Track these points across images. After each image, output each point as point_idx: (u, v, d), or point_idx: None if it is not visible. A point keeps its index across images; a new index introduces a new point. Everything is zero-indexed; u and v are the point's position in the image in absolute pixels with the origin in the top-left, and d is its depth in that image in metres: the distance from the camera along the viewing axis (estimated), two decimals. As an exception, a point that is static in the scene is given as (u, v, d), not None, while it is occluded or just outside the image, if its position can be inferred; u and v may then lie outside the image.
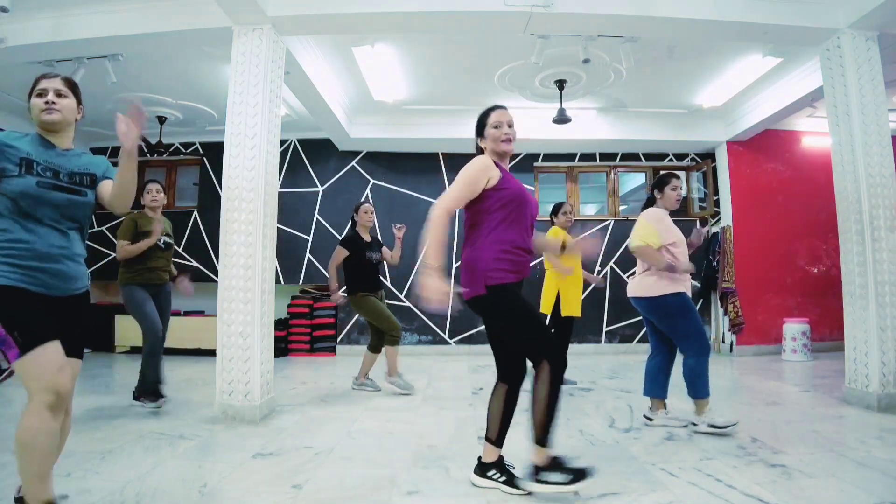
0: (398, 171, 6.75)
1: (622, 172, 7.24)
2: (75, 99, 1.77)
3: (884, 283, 3.43)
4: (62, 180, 1.68)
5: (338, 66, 4.85)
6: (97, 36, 3.78)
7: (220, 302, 3.31)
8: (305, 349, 6.47)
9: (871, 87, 3.61)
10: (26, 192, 1.61)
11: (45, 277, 1.64)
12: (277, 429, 3.02)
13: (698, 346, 2.83)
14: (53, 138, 1.73)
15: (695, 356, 2.83)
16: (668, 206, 3.04)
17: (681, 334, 2.87)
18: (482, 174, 2.03)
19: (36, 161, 1.64)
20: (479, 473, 2.12)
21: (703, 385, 2.83)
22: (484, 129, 2.16)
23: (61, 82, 1.74)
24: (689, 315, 2.86)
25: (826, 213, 5.60)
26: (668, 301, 2.85)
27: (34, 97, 1.71)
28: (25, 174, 1.61)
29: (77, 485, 2.07)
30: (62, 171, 1.69)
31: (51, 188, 1.65)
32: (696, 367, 2.82)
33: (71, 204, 1.70)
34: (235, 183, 3.36)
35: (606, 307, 6.58)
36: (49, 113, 1.69)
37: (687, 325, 2.85)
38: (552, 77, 4.94)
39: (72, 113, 1.75)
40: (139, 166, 7.42)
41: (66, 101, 1.73)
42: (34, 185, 1.62)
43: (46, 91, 1.70)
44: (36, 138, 1.71)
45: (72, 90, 1.76)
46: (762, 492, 2.00)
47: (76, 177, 1.73)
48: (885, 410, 3.28)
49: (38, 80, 1.74)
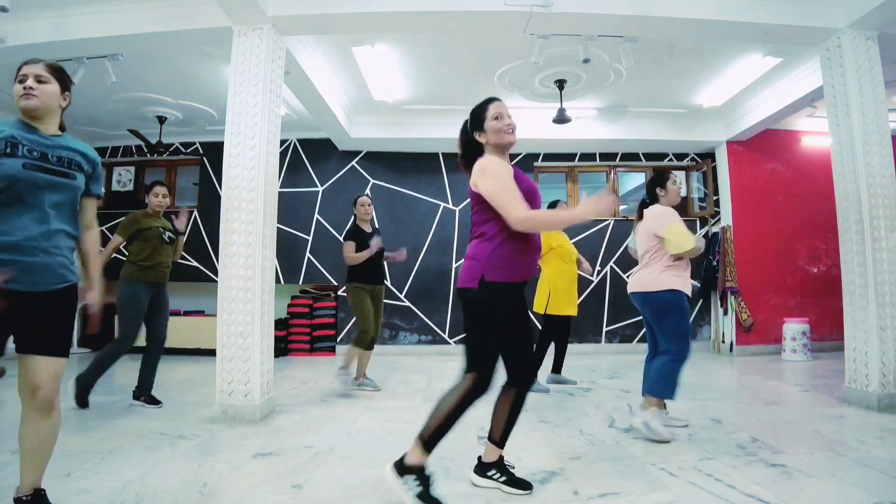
0: (398, 171, 6.75)
1: (622, 172, 7.24)
2: (59, 85, 1.71)
3: (884, 283, 3.42)
4: (50, 161, 1.63)
5: (338, 66, 4.85)
6: (97, 36, 3.78)
7: (220, 302, 3.31)
8: (305, 349, 6.47)
9: (871, 87, 3.60)
10: (12, 174, 1.54)
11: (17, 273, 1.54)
12: (277, 429, 3.02)
13: (679, 348, 2.80)
14: (36, 124, 1.67)
15: (672, 358, 2.79)
16: (672, 201, 3.01)
17: (667, 332, 2.85)
18: (504, 167, 1.94)
19: (21, 143, 1.59)
20: (479, 473, 2.12)
21: (666, 388, 2.79)
22: (483, 123, 2.02)
23: (43, 68, 1.68)
24: (680, 315, 2.83)
25: (826, 213, 5.60)
26: (665, 297, 2.83)
27: (16, 83, 1.67)
28: (10, 156, 1.55)
29: (77, 485, 2.07)
30: (49, 154, 1.64)
31: (38, 170, 1.59)
32: (670, 367, 2.78)
33: (59, 186, 1.64)
34: (235, 183, 3.36)
35: (606, 307, 6.58)
36: (27, 98, 1.63)
37: (675, 325, 2.82)
38: (552, 77, 4.94)
39: (53, 98, 1.69)
40: (139, 165, 7.38)
41: (47, 87, 1.67)
42: (20, 167, 1.56)
43: (27, 77, 1.66)
44: (18, 123, 1.66)
45: (56, 76, 1.71)
46: (762, 492, 2.00)
47: (64, 160, 1.67)
48: (884, 410, 3.27)
49: (21, 66, 1.69)
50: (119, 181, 6.90)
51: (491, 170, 1.92)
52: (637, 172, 7.46)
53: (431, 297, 6.55)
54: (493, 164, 1.95)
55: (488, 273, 1.90)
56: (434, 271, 6.58)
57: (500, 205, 1.88)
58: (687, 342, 2.83)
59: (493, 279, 1.90)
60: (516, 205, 1.86)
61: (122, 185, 6.90)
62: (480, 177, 1.93)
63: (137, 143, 6.45)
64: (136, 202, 6.26)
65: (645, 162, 6.82)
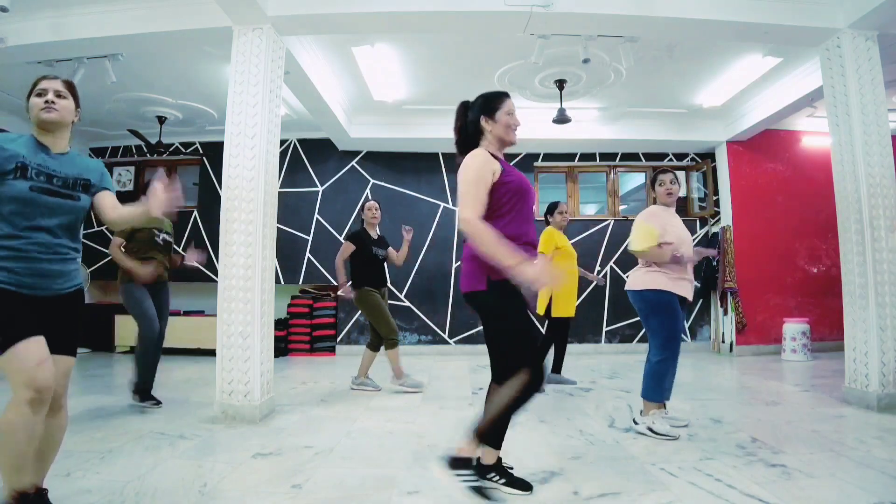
0: (398, 171, 6.74)
1: (622, 172, 7.24)
2: (74, 101, 1.80)
3: (884, 283, 3.42)
4: (55, 185, 1.69)
5: (337, 66, 4.85)
6: (97, 36, 3.77)
7: (220, 302, 3.31)
8: (305, 349, 6.47)
9: (871, 87, 3.60)
10: (19, 196, 1.62)
11: (29, 279, 1.64)
12: (277, 429, 3.02)
13: (662, 346, 2.81)
14: (48, 140, 1.74)
15: (657, 356, 2.81)
16: (661, 201, 3.04)
17: (652, 332, 2.87)
18: (486, 167, 1.91)
19: (30, 165, 1.65)
20: (478, 475, 2.11)
21: (654, 388, 2.81)
22: (496, 113, 2.01)
23: (61, 84, 1.77)
24: (665, 315, 2.81)
25: (826, 213, 5.60)
26: (648, 297, 2.83)
27: (34, 97, 1.73)
28: (19, 178, 1.62)
29: (77, 485, 2.07)
30: (56, 176, 1.70)
31: (43, 192, 1.66)
32: (657, 368, 2.80)
33: (63, 208, 1.71)
34: (235, 183, 3.36)
35: (606, 307, 6.58)
36: (48, 112, 1.71)
37: (658, 326, 2.82)
38: (552, 77, 4.94)
39: (70, 114, 1.78)
40: (138, 165, 7.39)
41: (64, 102, 1.75)
42: (27, 189, 1.63)
43: (46, 91, 1.73)
44: (30, 140, 1.72)
45: (71, 92, 1.79)
46: (762, 492, 2.00)
47: (70, 181, 1.73)
48: (884, 410, 3.28)
49: (39, 81, 1.77)
50: (119, 181, 6.90)
51: (473, 167, 1.92)
52: (637, 172, 7.46)
53: (431, 297, 6.55)
54: (478, 161, 1.93)
55: (492, 273, 1.89)
56: (434, 271, 6.58)
57: (460, 199, 1.91)
58: (672, 343, 2.82)
59: (499, 278, 1.88)
60: (469, 206, 1.87)
61: (121, 186, 6.90)
62: (462, 170, 1.95)
63: (137, 143, 6.44)
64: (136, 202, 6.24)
65: (645, 162, 6.82)
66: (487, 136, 2.04)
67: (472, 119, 2.05)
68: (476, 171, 1.91)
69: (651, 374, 2.83)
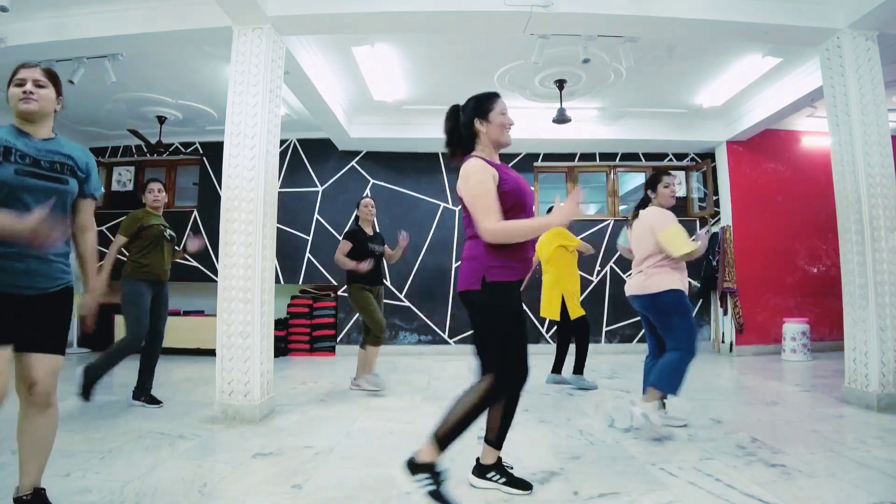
0: (398, 171, 6.75)
1: (622, 172, 7.24)
2: (55, 90, 1.74)
3: (884, 283, 3.42)
4: (42, 167, 1.65)
5: (337, 66, 4.85)
6: (97, 36, 3.78)
7: (219, 302, 3.31)
8: (305, 349, 6.47)
9: (870, 87, 3.60)
10: (4, 180, 1.56)
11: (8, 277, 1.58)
12: (277, 429, 3.02)
13: (688, 344, 2.79)
14: (30, 128, 1.69)
15: (681, 353, 2.78)
16: (663, 203, 3.02)
17: (675, 332, 2.84)
18: (487, 173, 1.90)
19: (13, 149, 1.60)
20: (477, 475, 2.11)
21: (673, 382, 2.77)
22: (489, 114, 1.99)
23: (41, 73, 1.71)
24: (684, 313, 2.83)
25: (826, 213, 5.60)
26: (668, 297, 2.83)
27: (13, 87, 1.69)
28: (3, 162, 1.57)
29: (77, 484, 2.07)
30: (42, 160, 1.66)
31: (30, 175, 1.61)
32: (679, 363, 2.76)
33: (51, 192, 1.65)
34: (235, 183, 3.36)
35: (606, 307, 6.58)
36: (27, 102, 1.66)
37: (681, 323, 2.82)
38: (552, 77, 4.95)
39: (50, 103, 1.72)
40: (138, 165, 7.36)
41: (44, 92, 1.70)
42: (12, 172, 1.58)
43: (25, 81, 1.68)
44: (11, 129, 1.67)
45: (51, 81, 1.74)
46: (762, 492, 2.00)
47: (56, 165, 1.69)
48: (884, 410, 3.28)
49: (18, 70, 1.71)
50: (119, 181, 6.90)
51: (474, 178, 1.90)
52: (637, 172, 7.46)
53: (431, 297, 6.54)
54: (477, 171, 1.91)
55: (489, 274, 1.89)
56: (434, 271, 6.58)
57: (474, 214, 1.89)
58: (694, 338, 2.83)
59: (494, 279, 1.89)
60: (488, 215, 1.85)
61: (121, 185, 6.91)
62: (464, 183, 1.93)
63: (137, 143, 6.44)
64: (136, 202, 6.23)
65: (645, 162, 6.82)
66: (482, 139, 2.02)
67: (465, 122, 2.02)
68: (479, 182, 1.89)
69: (676, 367, 2.76)
